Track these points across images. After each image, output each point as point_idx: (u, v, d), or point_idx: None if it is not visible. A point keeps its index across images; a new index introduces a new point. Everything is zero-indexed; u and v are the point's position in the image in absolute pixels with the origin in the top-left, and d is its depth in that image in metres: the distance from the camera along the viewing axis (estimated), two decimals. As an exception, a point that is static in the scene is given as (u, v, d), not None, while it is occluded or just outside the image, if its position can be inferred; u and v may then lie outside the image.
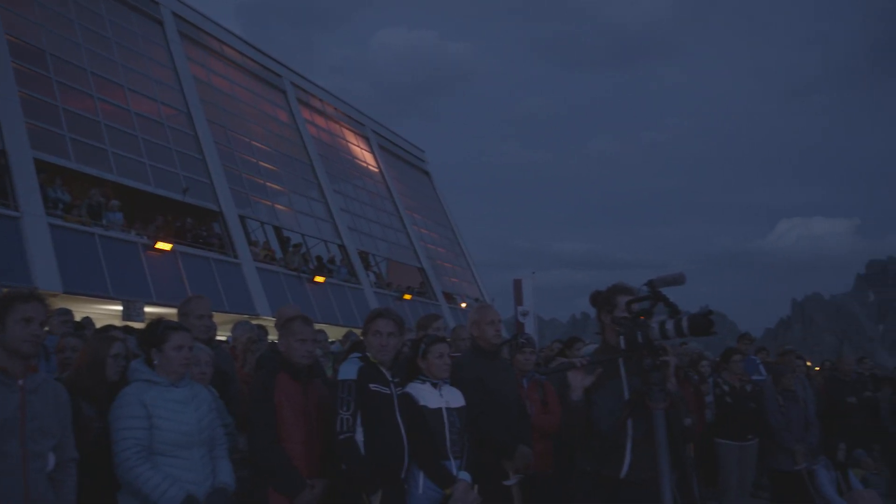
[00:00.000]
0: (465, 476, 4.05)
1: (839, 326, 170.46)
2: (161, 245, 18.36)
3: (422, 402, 4.09)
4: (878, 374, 10.72)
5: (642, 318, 3.20)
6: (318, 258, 25.90)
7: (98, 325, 8.52)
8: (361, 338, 4.64)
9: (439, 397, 4.16)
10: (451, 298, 34.17)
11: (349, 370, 3.97)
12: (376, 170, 34.78)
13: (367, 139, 35.19)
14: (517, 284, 18.68)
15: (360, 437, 3.89)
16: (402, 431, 3.98)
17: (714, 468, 7.60)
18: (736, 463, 7.28)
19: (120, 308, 16.32)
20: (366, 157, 34.51)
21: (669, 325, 3.10)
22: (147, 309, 16.59)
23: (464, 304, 33.69)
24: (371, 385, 3.95)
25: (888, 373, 10.79)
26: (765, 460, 8.03)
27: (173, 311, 4.88)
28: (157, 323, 3.74)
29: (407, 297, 29.09)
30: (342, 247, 27.72)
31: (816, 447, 8.08)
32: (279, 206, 25.72)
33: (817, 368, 13.26)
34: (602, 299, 3.70)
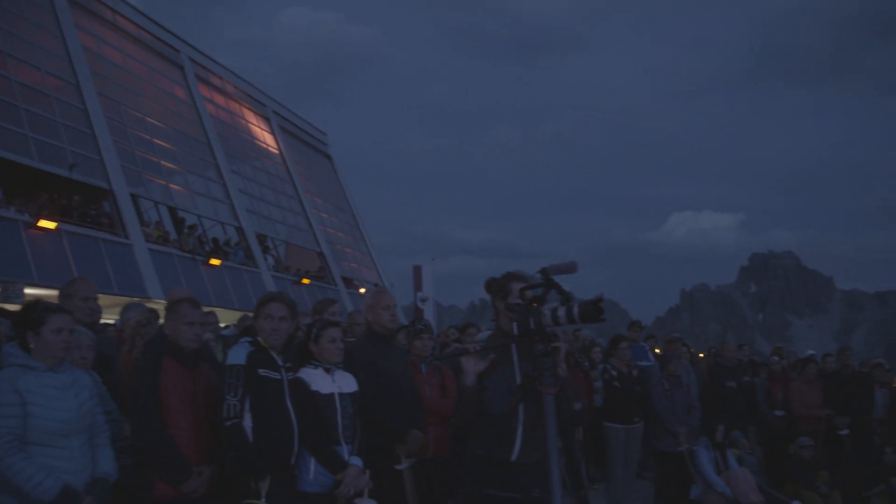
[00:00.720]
0: (356, 461, 4.03)
1: (723, 315, 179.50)
2: (44, 223, 17.46)
3: (314, 388, 4.04)
4: (756, 361, 11.33)
5: (535, 304, 3.26)
6: (215, 240, 25.24)
7: (-29, 306, 8.01)
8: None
9: (332, 382, 4.12)
10: (350, 283, 33.96)
11: (238, 355, 3.88)
12: (276, 151, 34.10)
13: (267, 120, 34.43)
14: (417, 271, 18.77)
15: (248, 423, 3.80)
16: (293, 417, 3.92)
17: (602, 451, 7.88)
18: (622, 445, 7.55)
19: (-3, 289, 15.43)
20: (266, 138, 33.77)
21: (561, 312, 3.17)
22: (28, 290, 15.76)
23: (363, 290, 33.57)
24: (260, 370, 3.86)
25: (764, 359, 11.41)
26: (649, 442, 8.37)
27: (56, 293, 4.68)
28: (35, 305, 3.55)
29: (305, 281, 28.74)
30: (240, 229, 27.08)
31: (698, 429, 8.50)
32: (174, 186, 24.85)
33: (702, 355, 13.88)
34: (496, 286, 3.75)
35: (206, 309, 4.64)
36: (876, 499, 8.72)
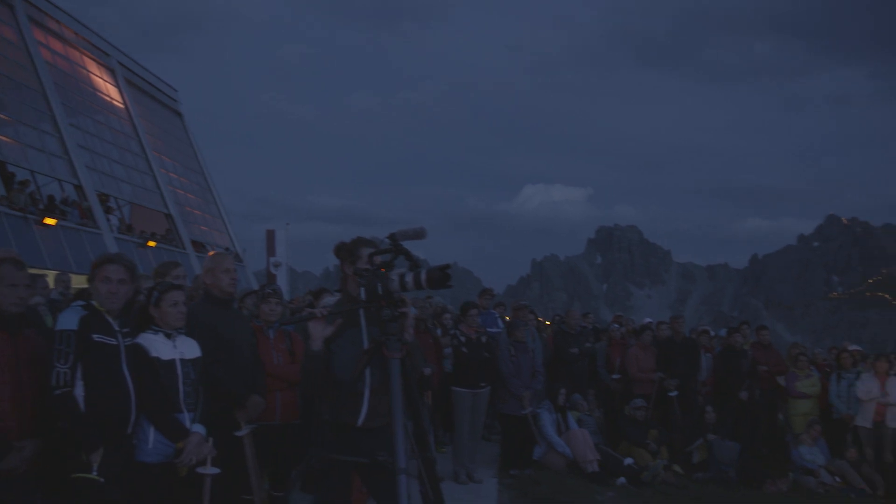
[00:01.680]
0: (199, 429, 3.91)
1: (571, 285, 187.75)
2: None
3: (153, 354, 3.86)
4: (598, 328, 11.94)
5: (383, 270, 3.27)
6: (50, 198, 23.46)
7: None
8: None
9: (173, 348, 3.95)
10: (200, 247, 32.65)
11: (69, 320, 3.62)
12: (122, 106, 32.03)
13: (112, 72, 32.21)
14: (270, 235, 18.40)
15: (80, 391, 3.58)
16: (129, 384, 3.72)
17: (450, 414, 8.08)
18: (469, 409, 7.77)
19: None
20: (110, 91, 31.63)
21: (409, 278, 3.20)
22: None
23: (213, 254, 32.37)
24: (94, 335, 3.64)
25: (605, 326, 12.05)
26: (496, 405, 8.66)
27: None
28: None
29: (151, 244, 27.37)
30: (79, 187, 25.30)
31: (541, 393, 8.89)
32: (3, 138, 22.80)
33: (548, 323, 14.48)
34: (346, 251, 3.73)
35: (38, 271, 4.31)
36: (696, 452, 9.48)
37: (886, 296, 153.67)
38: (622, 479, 8.33)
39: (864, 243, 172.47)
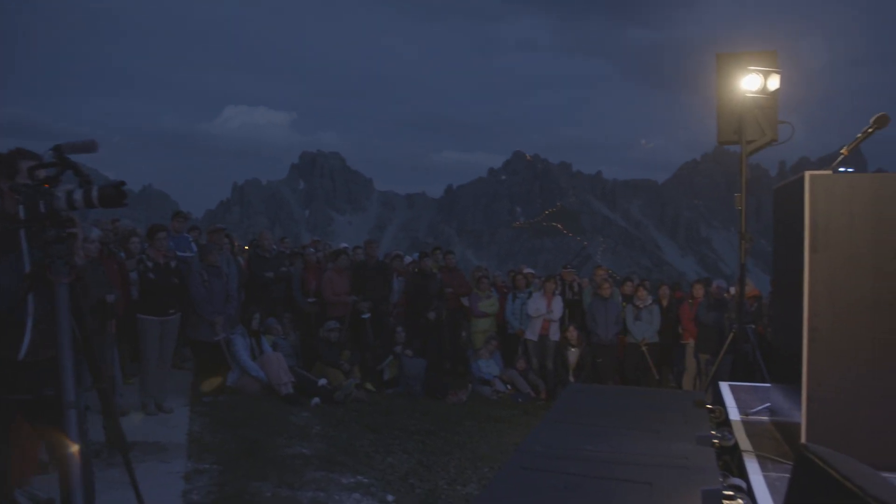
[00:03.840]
0: None
1: (273, 210, 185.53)
2: None
3: None
4: (294, 252, 11.92)
5: (47, 185, 2.94)
6: None
7: None
8: None
9: None
10: None
11: None
12: None
13: None
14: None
15: None
16: None
17: (138, 343, 7.63)
18: (157, 337, 7.39)
19: None
20: None
21: (78, 195, 2.91)
22: None
23: None
24: None
25: (299, 250, 12.09)
26: (187, 332, 8.37)
27: None
28: None
29: None
30: None
31: (234, 318, 8.75)
32: None
33: (246, 247, 14.13)
34: (2, 165, 3.28)
35: None
36: (387, 369, 10.04)
37: (560, 226, 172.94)
38: (316, 400, 8.55)
39: (544, 178, 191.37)
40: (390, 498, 5.78)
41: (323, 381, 8.89)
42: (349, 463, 6.48)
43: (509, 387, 10.36)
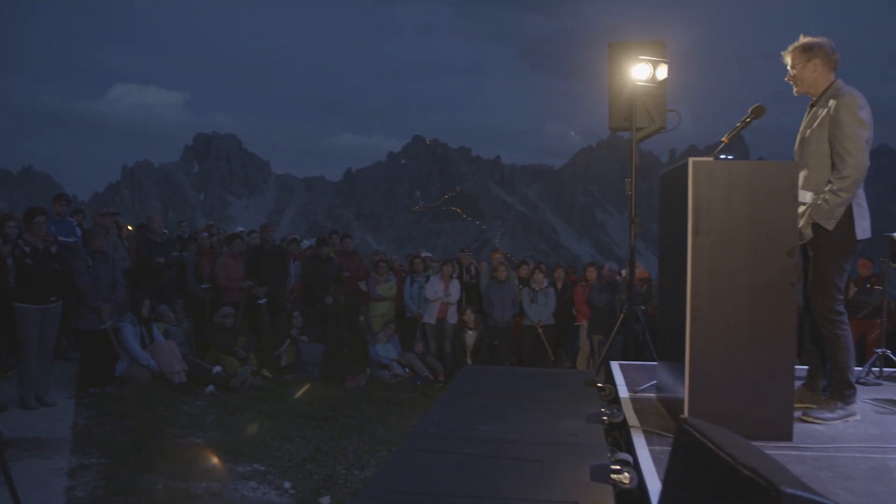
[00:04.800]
0: None
1: (166, 193, 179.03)
2: None
3: None
4: (185, 237, 11.52)
5: None
6: None
7: None
8: None
9: None
10: None
11: None
12: None
13: None
14: None
15: None
16: None
17: (15, 334, 7.20)
18: (37, 327, 6.99)
19: None
20: None
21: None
22: None
23: None
24: None
25: (193, 234, 11.70)
26: (71, 320, 7.99)
27: None
28: None
29: None
30: None
31: (122, 305, 8.40)
32: None
33: (129, 227, 13.51)
34: None
35: None
36: (284, 355, 9.89)
37: (458, 210, 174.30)
38: (211, 388, 8.35)
39: (444, 163, 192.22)
40: (287, 485, 5.71)
41: (217, 369, 8.67)
42: (245, 451, 6.36)
43: (407, 370, 10.40)
